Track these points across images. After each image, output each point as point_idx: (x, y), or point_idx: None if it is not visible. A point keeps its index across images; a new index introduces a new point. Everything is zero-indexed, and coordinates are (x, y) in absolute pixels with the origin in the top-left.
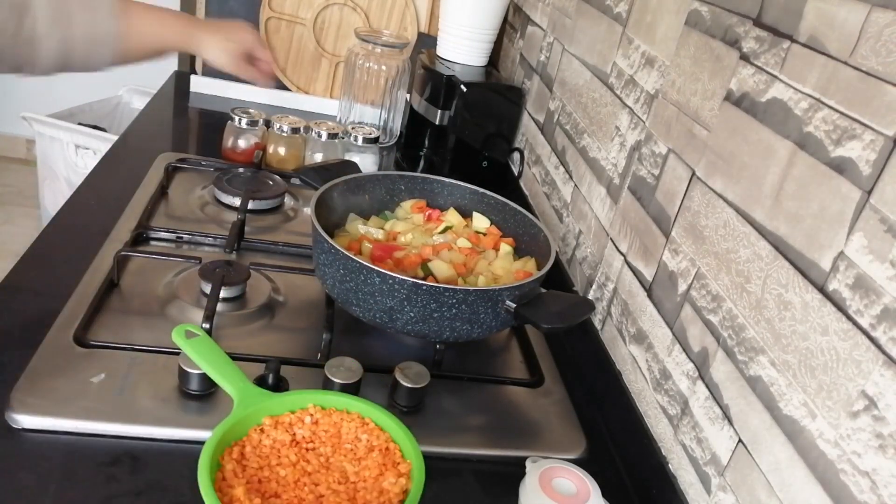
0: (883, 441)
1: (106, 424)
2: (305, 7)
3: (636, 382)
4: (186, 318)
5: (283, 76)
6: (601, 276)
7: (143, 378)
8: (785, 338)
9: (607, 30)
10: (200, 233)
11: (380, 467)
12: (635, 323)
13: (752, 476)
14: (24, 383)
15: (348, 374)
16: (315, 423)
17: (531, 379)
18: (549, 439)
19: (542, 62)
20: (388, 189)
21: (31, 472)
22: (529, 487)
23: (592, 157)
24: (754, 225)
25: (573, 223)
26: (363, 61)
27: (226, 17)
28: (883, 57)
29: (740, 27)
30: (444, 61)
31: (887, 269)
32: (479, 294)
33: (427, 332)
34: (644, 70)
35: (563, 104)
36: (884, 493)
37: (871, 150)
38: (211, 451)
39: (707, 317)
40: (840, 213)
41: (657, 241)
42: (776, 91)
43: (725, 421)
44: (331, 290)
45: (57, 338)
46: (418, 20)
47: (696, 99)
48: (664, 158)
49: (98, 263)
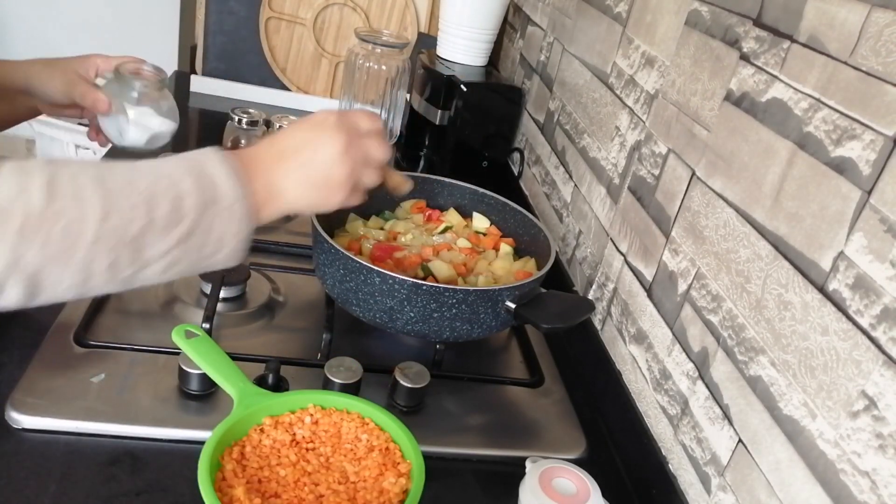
0: (883, 441)
1: (106, 424)
2: (305, 7)
3: (636, 382)
4: (186, 318)
5: (283, 76)
6: (601, 276)
7: (143, 378)
8: (785, 338)
9: (607, 30)
10: None
11: (380, 467)
12: (635, 323)
13: (752, 476)
14: (24, 383)
15: (348, 374)
16: (315, 423)
17: (531, 379)
18: (549, 439)
19: (542, 62)
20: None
21: (31, 472)
22: (529, 487)
23: (592, 157)
24: (754, 225)
25: (573, 223)
26: (363, 61)
27: (225, 16)
28: (883, 57)
29: (740, 27)
30: (444, 61)
31: (887, 269)
32: (479, 294)
33: (427, 332)
34: (644, 70)
35: (563, 104)
36: (884, 493)
37: (871, 150)
38: (211, 451)
39: (707, 317)
40: (840, 213)
41: (657, 241)
42: (776, 91)
43: (725, 421)
44: (331, 290)
45: (57, 338)
46: (418, 20)
47: (696, 99)
48: (664, 158)
49: None
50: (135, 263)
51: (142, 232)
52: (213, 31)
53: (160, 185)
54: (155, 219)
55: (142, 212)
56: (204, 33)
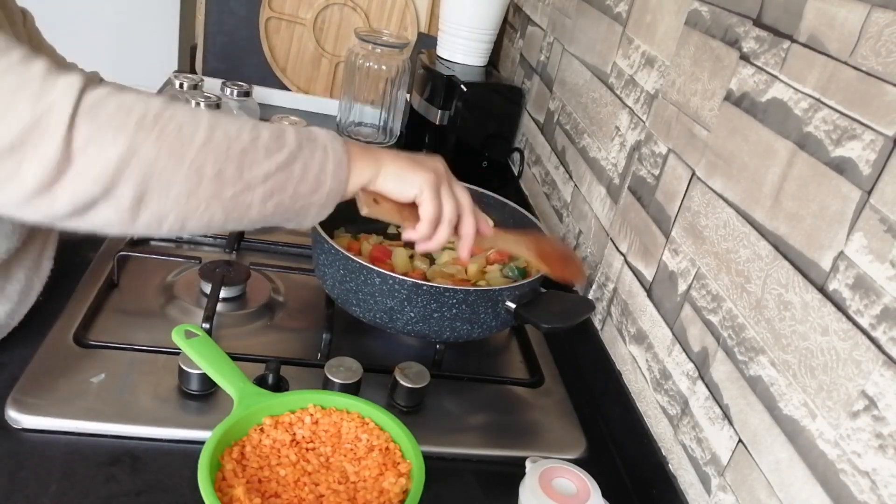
0: (883, 441)
1: (106, 424)
2: (305, 7)
3: (636, 382)
4: (186, 318)
5: (283, 76)
6: (601, 276)
7: (143, 378)
8: (785, 338)
9: (607, 30)
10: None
11: (380, 467)
12: (635, 323)
13: (752, 476)
14: (24, 383)
15: (348, 374)
16: (315, 423)
17: (531, 379)
18: (549, 439)
19: (542, 62)
20: None
21: (31, 472)
22: (529, 487)
23: (592, 157)
24: (754, 225)
25: (573, 223)
26: (363, 61)
27: (225, 16)
28: (883, 57)
29: (740, 27)
30: (444, 61)
31: (887, 269)
32: (480, 294)
33: (427, 333)
34: (644, 70)
35: (563, 104)
36: (884, 493)
37: (871, 150)
38: (211, 451)
39: (707, 317)
40: (840, 213)
41: (657, 241)
42: (776, 91)
43: (725, 421)
44: (331, 290)
45: (57, 338)
46: (418, 20)
47: (696, 99)
48: (664, 158)
49: (98, 263)
50: (239, 181)
51: (245, 150)
52: (213, 31)
53: (262, 124)
54: (258, 141)
55: (247, 133)
56: (204, 33)
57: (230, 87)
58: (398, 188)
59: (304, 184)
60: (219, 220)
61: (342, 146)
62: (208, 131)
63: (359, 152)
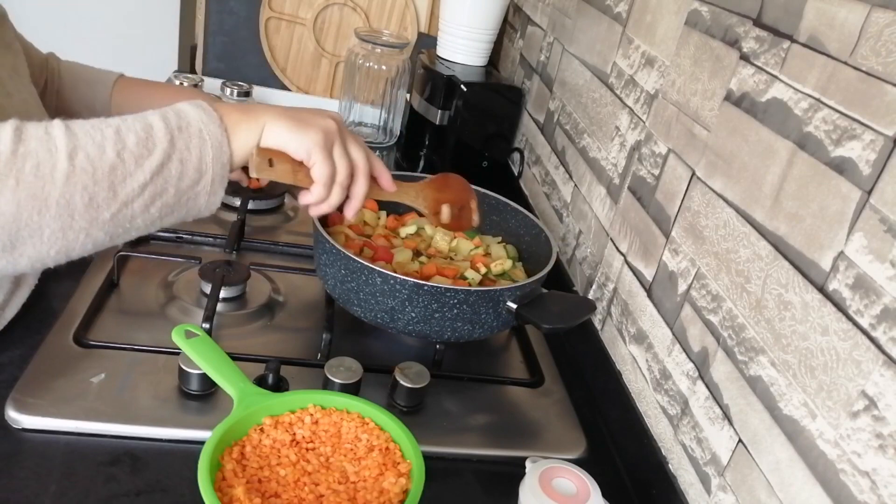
0: (883, 441)
1: (106, 424)
2: (305, 7)
3: (636, 382)
4: (186, 318)
5: (284, 76)
6: (601, 276)
7: (143, 378)
8: (785, 338)
9: (607, 30)
10: (200, 233)
11: (380, 467)
12: (635, 323)
13: (752, 476)
14: (24, 383)
15: (348, 374)
16: (315, 423)
17: (531, 379)
18: (549, 439)
19: (542, 62)
20: None
21: (31, 472)
22: (529, 487)
23: (592, 157)
24: (754, 225)
25: (573, 223)
26: (363, 61)
27: (225, 16)
28: (883, 57)
29: (740, 27)
30: (444, 61)
31: (887, 269)
32: (481, 294)
33: (428, 333)
34: (644, 70)
35: (563, 104)
36: (884, 493)
37: (871, 150)
38: (211, 451)
39: (707, 317)
40: (840, 213)
41: (657, 241)
42: (776, 91)
43: (725, 421)
44: (332, 290)
45: (57, 338)
46: (418, 20)
47: (696, 99)
48: (664, 158)
49: (98, 263)
50: (114, 200)
51: (113, 166)
52: (213, 31)
53: (127, 122)
54: (125, 152)
55: (110, 147)
56: (204, 33)
57: (230, 87)
58: (285, 147)
59: (184, 179)
60: (103, 241)
61: (217, 123)
62: (68, 161)
63: (236, 117)
